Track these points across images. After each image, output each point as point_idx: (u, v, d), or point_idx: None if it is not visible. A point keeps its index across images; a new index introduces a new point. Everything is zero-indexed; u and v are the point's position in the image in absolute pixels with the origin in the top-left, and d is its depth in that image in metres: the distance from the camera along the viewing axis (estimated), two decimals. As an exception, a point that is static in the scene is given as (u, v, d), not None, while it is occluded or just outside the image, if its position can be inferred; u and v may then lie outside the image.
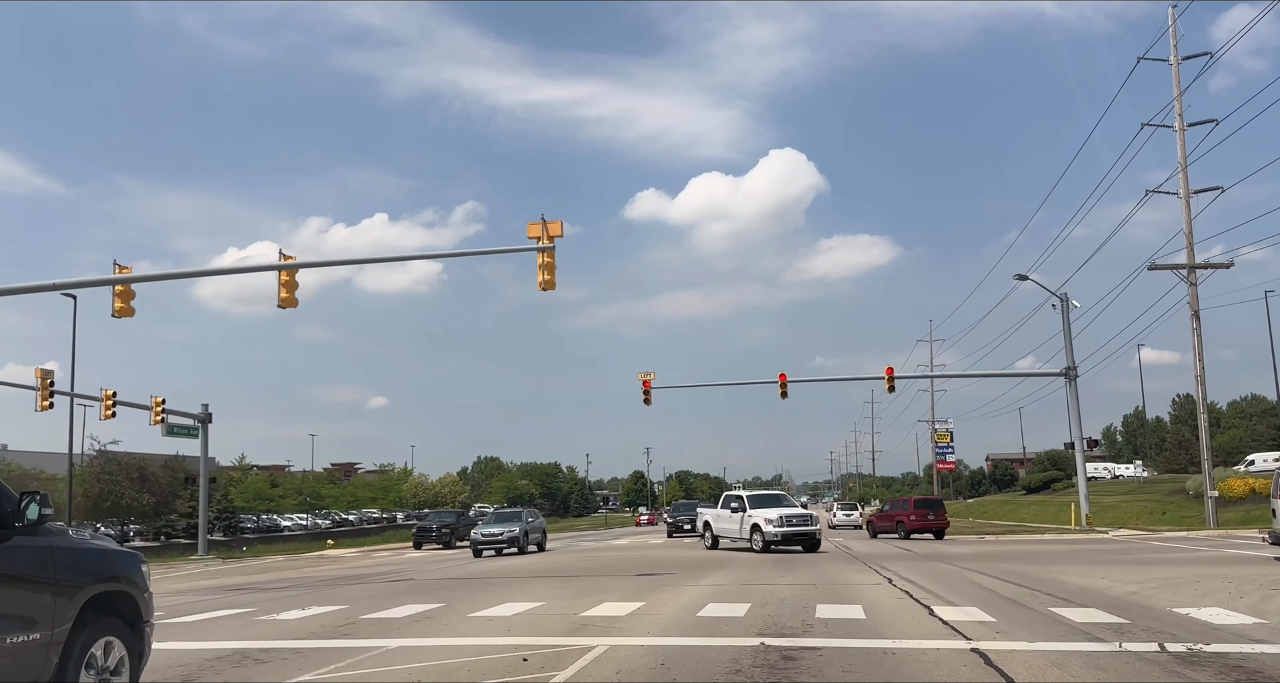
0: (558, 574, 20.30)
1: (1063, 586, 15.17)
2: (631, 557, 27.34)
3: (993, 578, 16.81)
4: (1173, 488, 56.21)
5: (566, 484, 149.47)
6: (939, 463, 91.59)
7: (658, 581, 17.34)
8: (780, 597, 13.83)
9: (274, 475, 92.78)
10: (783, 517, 25.75)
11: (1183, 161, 39.61)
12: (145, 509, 43.28)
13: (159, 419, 36.73)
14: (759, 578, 17.52)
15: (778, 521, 25.62)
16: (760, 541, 25.74)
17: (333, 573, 25.26)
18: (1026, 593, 14.04)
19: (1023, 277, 35.90)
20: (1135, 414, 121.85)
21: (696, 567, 21.33)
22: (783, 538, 25.53)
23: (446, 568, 24.96)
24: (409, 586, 18.21)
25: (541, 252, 19.56)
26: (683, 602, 13.33)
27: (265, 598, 16.77)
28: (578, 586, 16.75)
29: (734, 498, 29.17)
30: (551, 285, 19.73)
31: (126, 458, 43.58)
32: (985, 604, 12.57)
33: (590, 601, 13.70)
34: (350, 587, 18.99)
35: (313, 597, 16.44)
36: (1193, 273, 38.78)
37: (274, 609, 14.16)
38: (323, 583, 20.66)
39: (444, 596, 15.37)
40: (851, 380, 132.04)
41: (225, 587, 21.08)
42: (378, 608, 13.62)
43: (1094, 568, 19.06)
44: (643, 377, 39.54)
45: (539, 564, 25.17)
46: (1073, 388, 36.28)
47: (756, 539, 26.00)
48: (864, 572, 18.89)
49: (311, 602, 15.22)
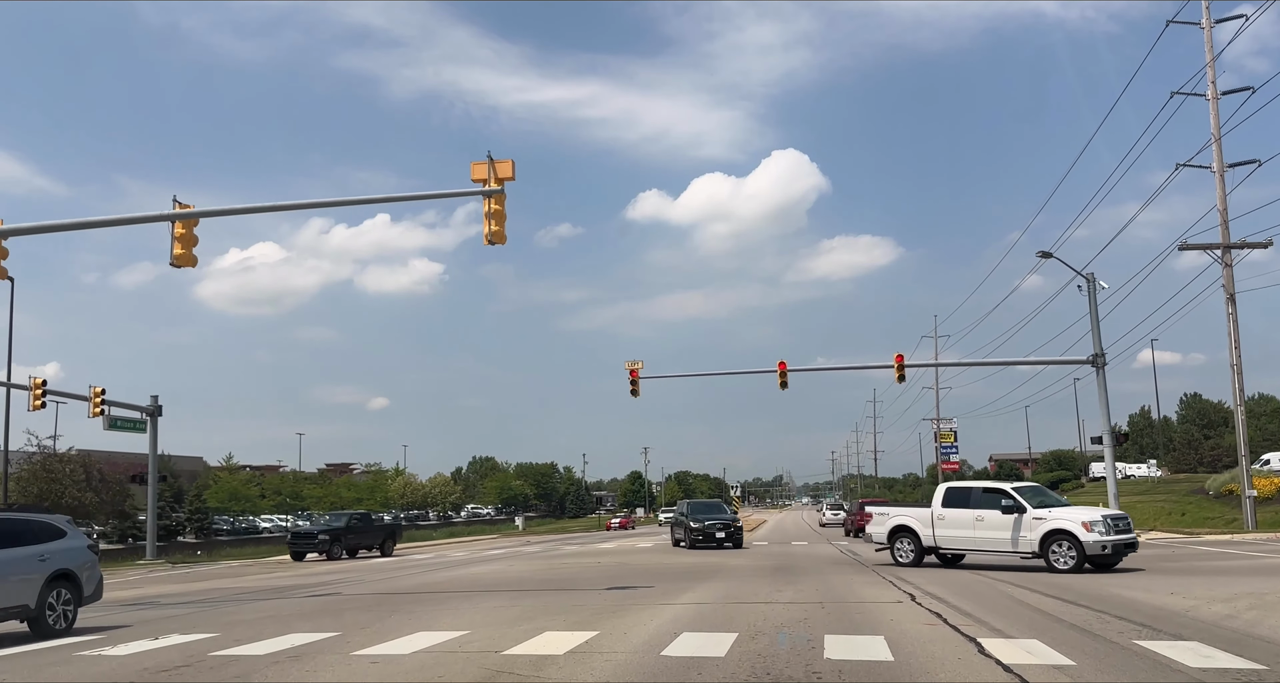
0: (511, 588, 17.10)
1: (1131, 605, 12.04)
2: (609, 564, 24.15)
3: (1037, 593, 13.66)
4: (1189, 488, 53.48)
5: (563, 485, 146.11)
6: (943, 463, 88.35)
7: (627, 598, 14.15)
8: (777, 622, 10.68)
9: (255, 475, 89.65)
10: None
11: (1216, 133, 36.38)
12: (89, 509, 40.09)
13: (98, 412, 33.53)
14: (751, 594, 14.33)
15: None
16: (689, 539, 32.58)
17: (262, 584, 22.07)
18: (1091, 616, 10.89)
19: (1046, 254, 32.73)
20: (1142, 414, 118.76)
21: (679, 578, 18.16)
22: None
23: (394, 579, 21.82)
24: (318, 604, 15.02)
25: (488, 197, 16.35)
26: (648, 631, 10.16)
27: (140, 618, 13.60)
28: (526, 605, 13.56)
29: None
30: (501, 238, 16.53)
31: (74, 456, 40.40)
32: (1047, 635, 9.43)
33: (528, 628, 10.54)
34: (256, 602, 15.83)
35: (192, 619, 13.25)
36: (1227, 253, 35.56)
37: (125, 637, 11.00)
38: (231, 598, 17.47)
39: (349, 619, 12.18)
40: (858, 370, 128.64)
41: (120, 601, 17.89)
42: (251, 637, 10.47)
43: (1153, 579, 15.94)
44: (630, 366, 36.21)
45: (498, 575, 22.00)
46: (1101, 376, 33.10)
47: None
48: (878, 584, 15.72)
49: (183, 626, 12.05)
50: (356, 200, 17.86)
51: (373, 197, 17.96)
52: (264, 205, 16.83)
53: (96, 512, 42.50)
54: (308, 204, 16.74)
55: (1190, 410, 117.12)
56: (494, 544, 52.64)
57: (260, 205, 16.68)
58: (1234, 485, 45.24)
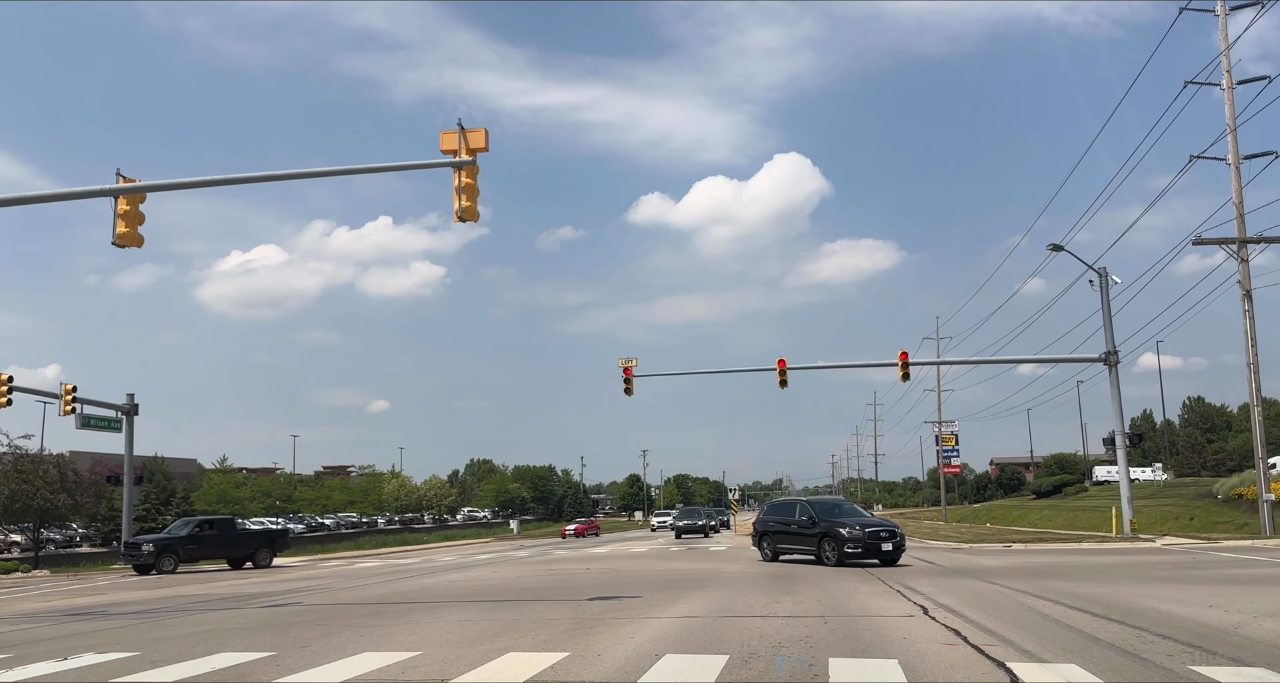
0: (487, 598, 15.77)
1: (1168, 619, 10.73)
2: (598, 570, 22.82)
3: (1061, 606, 12.35)
4: (1195, 492, 52.20)
5: (561, 488, 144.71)
6: (945, 466, 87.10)
7: (609, 610, 12.83)
8: (774, 641, 9.37)
9: (248, 477, 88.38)
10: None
11: (1231, 123, 35.08)
12: (63, 511, 38.78)
13: (69, 410, 32.21)
14: (747, 605, 13.01)
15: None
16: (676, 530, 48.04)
17: (228, 591, 20.73)
18: (1130, 634, 9.59)
19: (1057, 247, 31.43)
20: (1144, 417, 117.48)
21: (669, 587, 16.83)
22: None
23: (364, 588, 20.54)
24: (269, 616, 13.67)
25: (458, 169, 15.01)
26: (625, 652, 8.84)
27: (70, 632, 12.28)
28: (496, 618, 12.24)
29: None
30: (473, 215, 15.15)
31: (47, 457, 39.05)
32: (1085, 658, 8.13)
33: (489, 648, 9.23)
34: (206, 613, 14.49)
35: (124, 633, 11.91)
36: (1243, 248, 34.28)
37: (33, 657, 9.68)
38: (184, 607, 16.12)
39: (292, 636, 10.86)
40: (859, 369, 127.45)
41: (69, 610, 16.57)
42: (171, 658, 9.16)
43: (1185, 589, 14.62)
44: (623, 364, 34.90)
45: (476, 582, 20.68)
46: (1114, 375, 31.81)
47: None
48: (885, 594, 14.40)
49: (105, 642, 10.73)
50: (313, 173, 16.58)
51: (334, 169, 16.66)
52: (213, 179, 15.45)
53: (72, 514, 41.20)
54: (262, 177, 15.45)
55: (1193, 414, 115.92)
56: (485, 548, 51.36)
57: (209, 179, 15.32)
58: (1243, 489, 43.91)
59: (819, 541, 21.61)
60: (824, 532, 21.50)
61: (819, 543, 21.58)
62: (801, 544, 22.54)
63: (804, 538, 22.44)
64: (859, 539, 20.82)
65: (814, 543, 21.82)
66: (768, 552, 23.79)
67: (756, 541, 25.02)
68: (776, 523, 23.72)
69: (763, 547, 24.13)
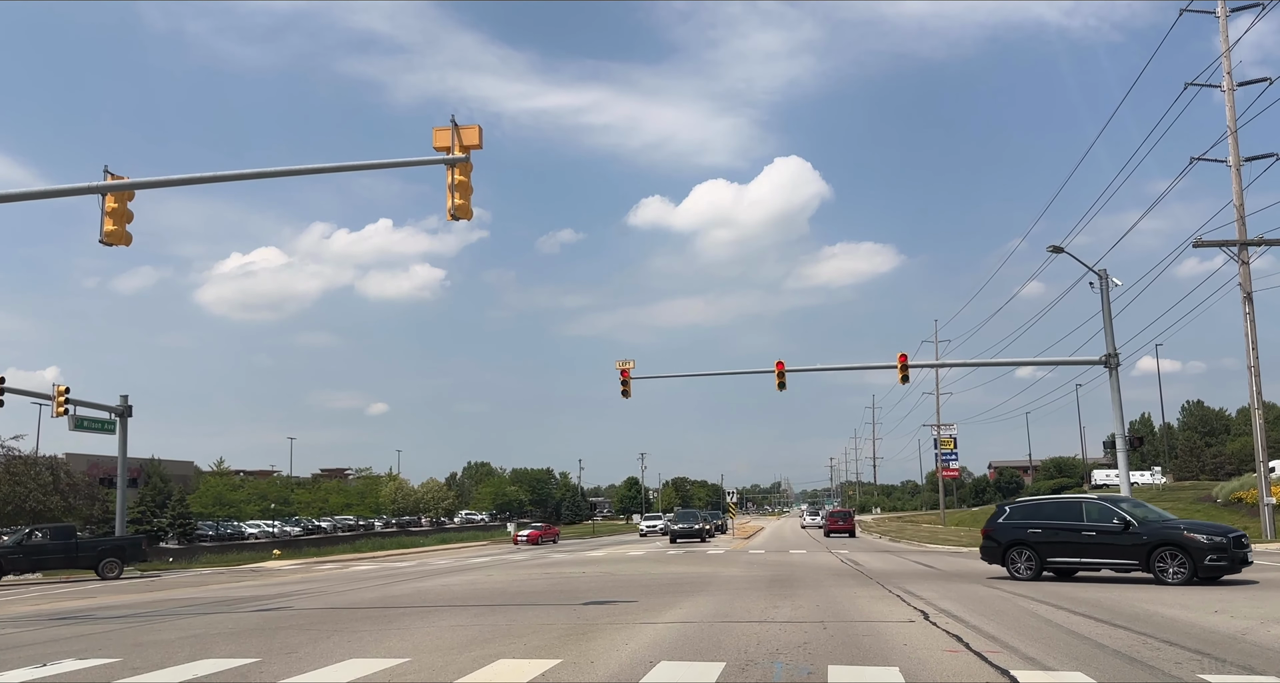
0: (480, 602, 15.53)
1: (1173, 625, 10.54)
2: (594, 574, 22.59)
3: (1064, 611, 12.14)
4: (1195, 495, 51.88)
5: (559, 490, 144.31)
6: (944, 470, 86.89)
7: (604, 615, 12.61)
8: (772, 647, 9.15)
9: (244, 480, 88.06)
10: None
11: (1232, 125, 34.93)
12: (56, 513, 38.45)
13: (62, 411, 31.97)
14: (744, 611, 12.78)
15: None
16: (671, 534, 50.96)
17: (219, 594, 20.49)
18: (1135, 640, 9.38)
19: (1057, 249, 31.21)
20: (1143, 421, 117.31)
21: (665, 591, 16.61)
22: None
23: (354, 592, 20.32)
24: (259, 620, 13.44)
25: (452, 166, 14.80)
26: (620, 659, 8.62)
27: (54, 636, 12.04)
28: (488, 623, 12.02)
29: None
30: (466, 213, 14.94)
31: (40, 459, 38.75)
32: (1091, 666, 7.92)
33: (480, 655, 9.00)
34: (194, 617, 14.25)
35: (108, 638, 11.68)
36: (1244, 250, 34.10)
37: (11, 663, 9.45)
38: (174, 611, 15.88)
39: (280, 641, 10.62)
40: (858, 370, 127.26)
41: (57, 613, 16.33)
42: (154, 665, 8.93)
43: (1186, 594, 14.43)
44: (621, 366, 34.65)
45: (470, 586, 20.45)
46: (1114, 378, 31.62)
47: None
48: (884, 599, 14.18)
49: (88, 647, 10.50)
50: (303, 170, 16.36)
51: (324, 166, 16.45)
52: (199, 176, 15.25)
53: (64, 516, 40.95)
54: (252, 175, 15.23)
55: (1192, 418, 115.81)
56: (481, 551, 51.04)
57: (195, 176, 15.11)
58: (1243, 493, 43.64)
59: (1149, 552, 16.82)
60: (1160, 541, 16.78)
61: (1148, 555, 16.81)
62: (1109, 556, 17.52)
63: (1114, 549, 17.37)
64: (1222, 548, 16.20)
65: (1139, 555, 16.96)
66: (1025, 567, 18.22)
67: (999, 553, 18.80)
68: (1046, 529, 18.22)
69: (1017, 560, 18.39)
